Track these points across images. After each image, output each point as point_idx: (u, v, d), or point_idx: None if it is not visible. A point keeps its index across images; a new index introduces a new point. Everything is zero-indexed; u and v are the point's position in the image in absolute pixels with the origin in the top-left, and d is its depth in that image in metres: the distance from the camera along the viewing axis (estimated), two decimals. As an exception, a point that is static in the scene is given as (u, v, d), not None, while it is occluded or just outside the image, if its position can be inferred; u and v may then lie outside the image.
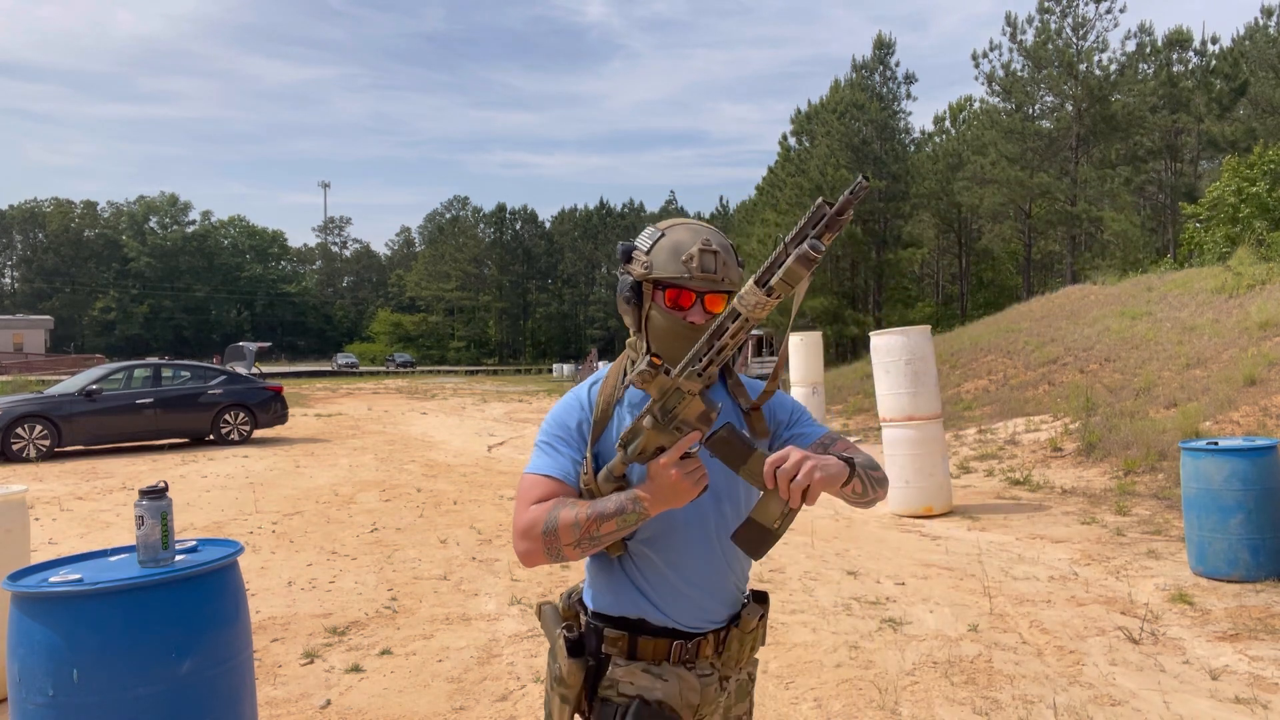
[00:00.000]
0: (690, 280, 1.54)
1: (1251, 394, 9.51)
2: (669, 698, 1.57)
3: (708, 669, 1.61)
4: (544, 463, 1.59)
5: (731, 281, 1.59)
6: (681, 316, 1.56)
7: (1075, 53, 34.15)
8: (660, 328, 1.57)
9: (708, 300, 1.57)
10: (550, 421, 1.64)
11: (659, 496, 1.41)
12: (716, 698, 1.63)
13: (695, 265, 1.53)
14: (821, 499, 9.06)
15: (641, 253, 1.58)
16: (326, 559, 6.67)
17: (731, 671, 1.65)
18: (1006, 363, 15.88)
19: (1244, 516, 5.33)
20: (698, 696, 1.59)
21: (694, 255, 1.53)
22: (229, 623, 2.38)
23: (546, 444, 1.61)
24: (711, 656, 1.61)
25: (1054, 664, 4.20)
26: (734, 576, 1.65)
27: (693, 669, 1.60)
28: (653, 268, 1.56)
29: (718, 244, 1.57)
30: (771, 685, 4.03)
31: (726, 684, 1.65)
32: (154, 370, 15.06)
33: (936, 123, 52.00)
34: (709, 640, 1.61)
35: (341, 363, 61.23)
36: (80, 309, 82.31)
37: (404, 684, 4.14)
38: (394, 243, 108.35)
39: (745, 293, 1.31)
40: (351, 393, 31.37)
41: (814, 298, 37.40)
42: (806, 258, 1.24)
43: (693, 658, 1.59)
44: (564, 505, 1.48)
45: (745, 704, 1.72)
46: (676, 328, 1.56)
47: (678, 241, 1.56)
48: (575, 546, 1.46)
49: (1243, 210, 23.60)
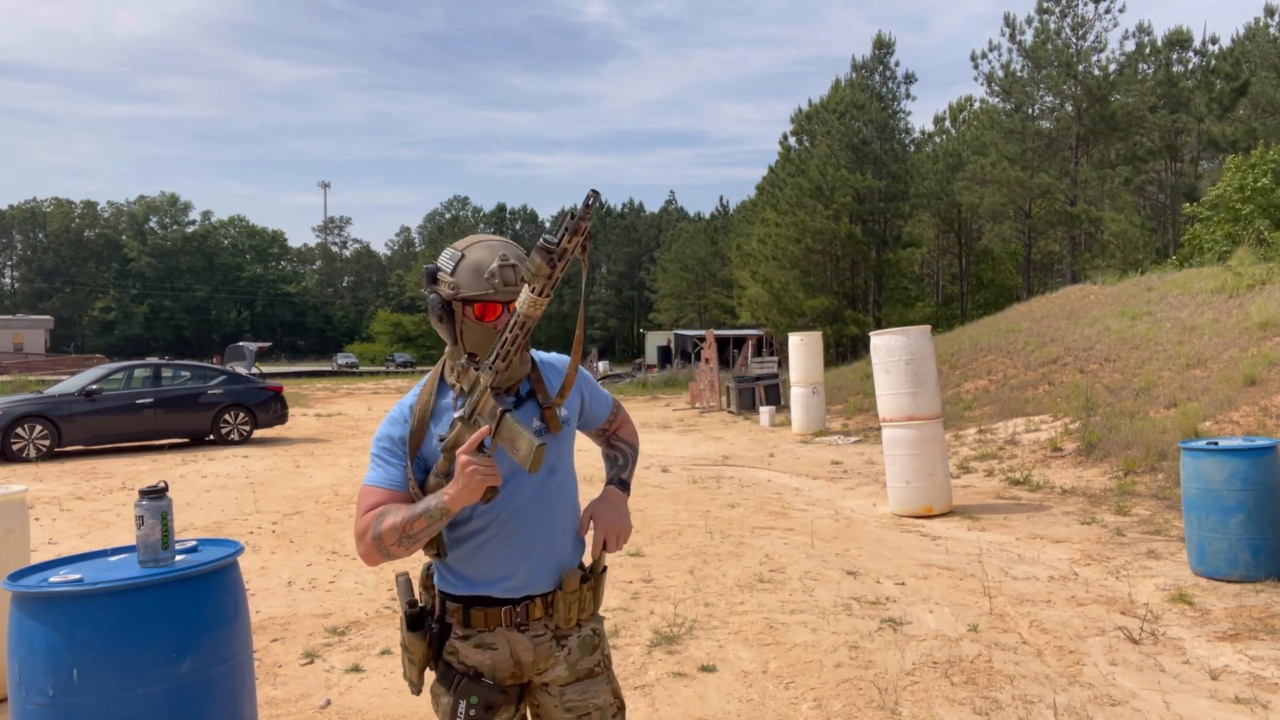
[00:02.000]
0: (494, 295, 1.73)
1: (1251, 394, 9.51)
2: (496, 667, 1.83)
3: (540, 629, 1.85)
4: (374, 475, 1.82)
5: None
6: (492, 325, 1.76)
7: (1074, 53, 34.11)
8: (474, 338, 1.77)
9: (511, 307, 1.75)
10: (378, 435, 1.85)
11: (458, 494, 1.62)
12: (553, 653, 1.86)
13: (497, 280, 1.72)
14: (820, 499, 9.02)
15: (446, 274, 1.76)
16: (326, 559, 6.67)
17: (568, 630, 1.88)
18: (1006, 363, 15.88)
19: (1244, 516, 5.33)
20: (531, 654, 1.84)
21: (495, 272, 1.73)
22: (229, 623, 2.38)
23: (377, 456, 1.84)
24: (544, 618, 1.85)
25: (1054, 664, 4.20)
26: (563, 543, 1.88)
27: (525, 630, 1.83)
28: (459, 288, 1.74)
29: (514, 257, 1.76)
30: (771, 685, 4.04)
31: (566, 641, 1.88)
32: (154, 370, 15.07)
33: (936, 123, 52.05)
34: (537, 604, 1.83)
35: (341, 363, 61.23)
36: (80, 309, 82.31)
37: (403, 684, 4.13)
38: (394, 243, 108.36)
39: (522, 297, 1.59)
40: (351, 393, 31.38)
41: (814, 298, 37.40)
42: (544, 249, 1.52)
43: (524, 620, 1.83)
44: (389, 512, 1.72)
45: (595, 656, 1.92)
46: (488, 335, 1.76)
47: (478, 261, 1.75)
48: (398, 545, 1.70)
49: (1245, 208, 23.59)
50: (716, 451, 13.47)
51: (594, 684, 1.90)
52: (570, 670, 1.87)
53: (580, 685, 1.88)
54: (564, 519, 1.89)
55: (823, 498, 9.18)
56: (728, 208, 79.18)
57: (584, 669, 1.89)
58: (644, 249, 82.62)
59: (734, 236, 55.28)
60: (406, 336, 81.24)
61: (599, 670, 1.92)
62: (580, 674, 1.89)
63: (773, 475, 10.90)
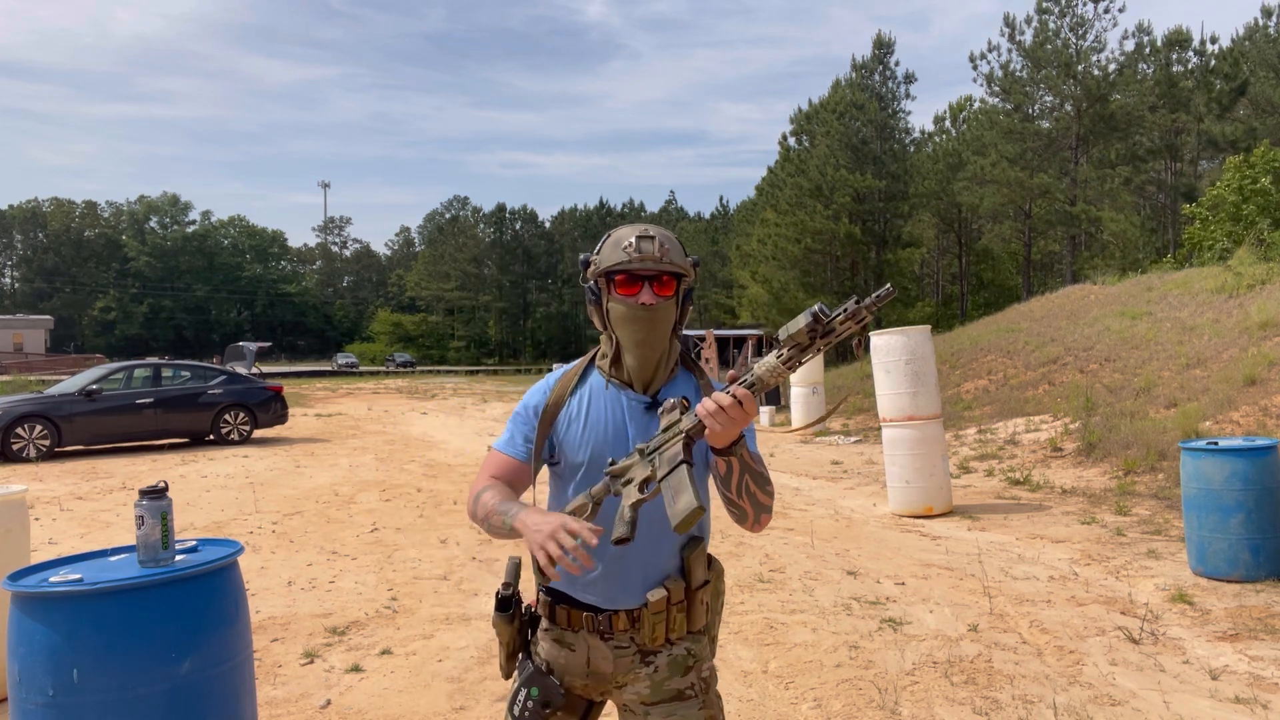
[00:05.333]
0: (631, 263, 1.71)
1: (1251, 394, 9.51)
2: (567, 668, 1.80)
3: (625, 641, 1.78)
4: (501, 439, 1.88)
5: (674, 263, 1.74)
6: (634, 300, 1.73)
7: (1074, 53, 34.11)
8: (618, 315, 1.75)
9: (655, 285, 1.74)
10: (522, 401, 1.90)
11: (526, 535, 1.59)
12: (635, 668, 1.78)
13: (634, 250, 1.71)
14: (820, 498, 9.03)
15: (593, 256, 1.78)
16: (326, 559, 6.67)
17: (655, 647, 1.78)
18: (1006, 363, 15.88)
19: (1244, 516, 5.33)
20: (610, 665, 1.79)
21: (632, 242, 1.72)
22: (229, 623, 2.38)
23: (511, 421, 1.89)
24: (630, 630, 1.78)
25: (1054, 664, 4.20)
26: (655, 562, 1.79)
27: (609, 640, 1.78)
28: (600, 263, 1.75)
29: (655, 231, 1.74)
30: (771, 685, 4.03)
31: (653, 659, 1.79)
32: (154, 370, 15.06)
33: (936, 123, 51.92)
34: (621, 616, 1.77)
35: (341, 363, 61.17)
36: (80, 309, 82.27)
37: (404, 684, 4.14)
38: (394, 243, 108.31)
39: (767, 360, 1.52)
40: (351, 393, 31.36)
41: (814, 298, 37.36)
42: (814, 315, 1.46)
43: (608, 630, 1.77)
44: (491, 489, 1.76)
45: (688, 678, 1.81)
46: (631, 312, 1.73)
47: (619, 236, 1.76)
48: (483, 524, 1.75)
49: (1245, 208, 23.59)
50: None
51: (683, 707, 1.78)
52: (654, 689, 1.78)
53: (666, 707, 1.78)
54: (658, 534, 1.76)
55: (823, 497, 9.18)
56: (728, 208, 79.19)
57: (671, 690, 1.78)
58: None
59: (734, 236, 55.28)
60: (406, 336, 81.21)
61: (690, 694, 1.79)
62: (666, 695, 1.78)
63: (773, 475, 10.89)
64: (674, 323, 1.79)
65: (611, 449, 1.77)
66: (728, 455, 1.59)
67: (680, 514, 1.49)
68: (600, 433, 1.79)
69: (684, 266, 1.76)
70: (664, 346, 1.79)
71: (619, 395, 1.81)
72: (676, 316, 1.80)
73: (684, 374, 1.89)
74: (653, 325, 1.74)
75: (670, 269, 1.74)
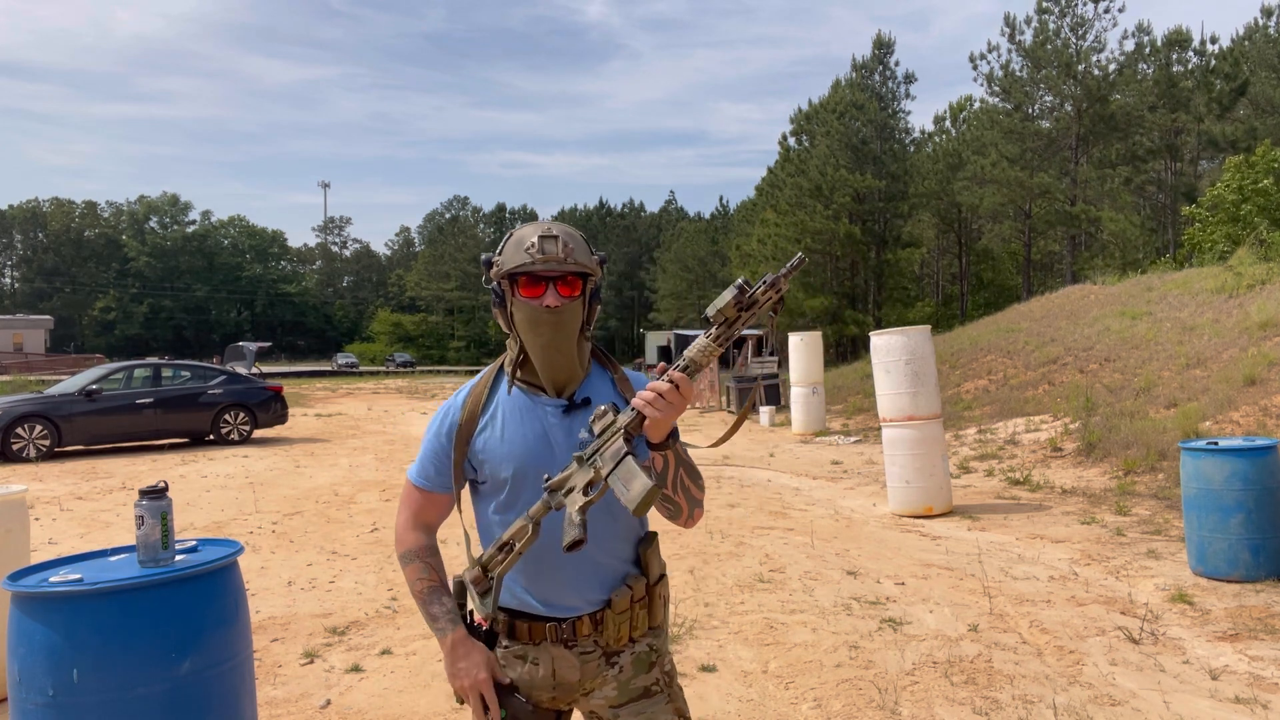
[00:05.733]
0: (534, 264, 1.65)
1: (1251, 394, 9.51)
2: (533, 684, 1.75)
3: (589, 646, 1.74)
4: (415, 469, 1.83)
5: (578, 263, 1.68)
6: (538, 302, 1.67)
7: (1074, 53, 34.11)
8: (523, 319, 1.70)
9: (560, 286, 1.68)
10: (429, 426, 1.83)
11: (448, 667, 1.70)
12: (601, 671, 1.75)
13: (536, 250, 1.64)
14: (820, 498, 9.03)
15: (495, 257, 1.72)
16: (326, 559, 6.67)
17: (619, 647, 1.76)
18: (1006, 363, 15.88)
19: (1244, 516, 5.33)
20: (577, 673, 1.74)
21: (535, 243, 1.65)
22: (229, 623, 2.38)
23: (423, 448, 1.83)
24: (593, 634, 1.74)
25: (1054, 664, 4.20)
26: (608, 563, 1.75)
27: (573, 647, 1.74)
28: (503, 265, 1.69)
29: (558, 230, 1.68)
30: (771, 685, 4.03)
31: (616, 659, 1.76)
32: (154, 370, 15.07)
33: (936, 123, 51.93)
34: (585, 621, 1.73)
35: (341, 363, 61.16)
36: (80, 309, 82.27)
37: (404, 684, 4.14)
38: (394, 243, 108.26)
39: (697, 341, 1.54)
40: (351, 393, 31.36)
41: (814, 298, 37.39)
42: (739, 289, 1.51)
43: (571, 637, 1.73)
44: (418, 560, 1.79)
45: (653, 674, 1.79)
46: (535, 315, 1.68)
47: (520, 236, 1.69)
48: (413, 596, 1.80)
49: (1244, 208, 23.59)
50: (716, 451, 13.46)
51: (651, 704, 1.77)
52: (621, 690, 1.76)
53: (635, 706, 1.76)
54: (612, 533, 1.75)
55: (823, 498, 9.18)
56: (728, 208, 79.10)
57: (638, 688, 1.76)
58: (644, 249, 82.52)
59: (734, 236, 55.20)
60: (406, 336, 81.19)
61: (657, 689, 1.78)
62: (634, 694, 1.76)
63: (773, 475, 10.90)
64: (581, 323, 1.73)
65: (536, 459, 1.71)
66: (663, 449, 1.59)
67: (636, 497, 1.48)
68: (521, 444, 1.73)
69: (589, 265, 1.70)
70: (572, 348, 1.72)
71: (533, 402, 1.76)
72: (584, 316, 1.74)
73: (598, 370, 1.84)
74: (558, 327, 1.68)
75: (575, 269, 1.67)
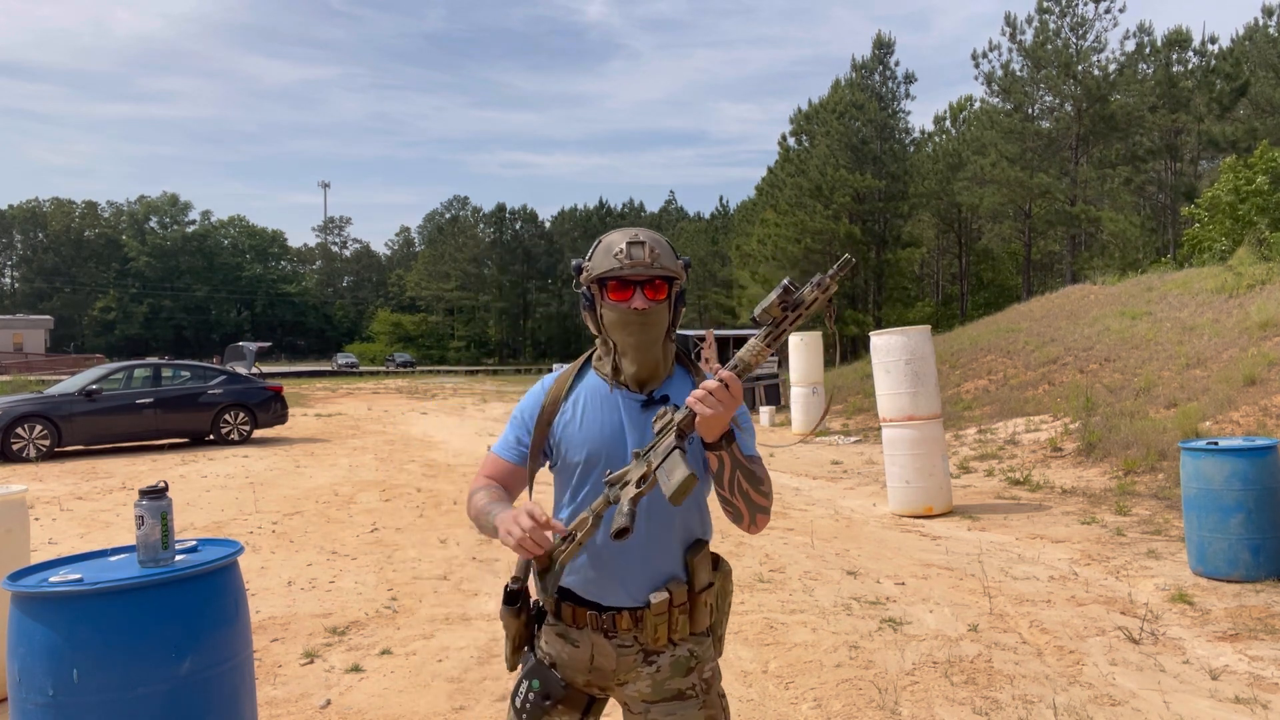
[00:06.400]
0: (622, 269, 1.73)
1: (1251, 394, 9.51)
2: (570, 663, 1.82)
3: (628, 641, 1.80)
4: (498, 441, 1.96)
5: (665, 267, 1.77)
6: (626, 305, 1.75)
7: (1074, 53, 34.11)
8: (612, 321, 1.78)
9: (646, 289, 1.77)
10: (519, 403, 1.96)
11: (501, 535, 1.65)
12: (636, 666, 1.80)
13: (624, 256, 1.73)
14: (820, 498, 9.02)
15: (585, 262, 1.81)
16: (326, 559, 6.67)
17: (658, 647, 1.80)
18: (1006, 363, 15.88)
19: (1244, 516, 5.33)
20: (613, 662, 1.80)
21: (623, 249, 1.74)
22: (229, 623, 2.38)
23: (509, 424, 1.96)
24: (633, 630, 1.79)
25: (1054, 664, 4.20)
26: (657, 563, 1.80)
27: (612, 638, 1.80)
28: (592, 270, 1.78)
29: (645, 236, 1.77)
30: (771, 685, 4.03)
31: (655, 659, 1.81)
32: (154, 370, 15.06)
33: (936, 123, 51.93)
34: (625, 616, 1.78)
35: (341, 363, 61.14)
36: (80, 309, 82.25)
37: (404, 684, 4.14)
38: (394, 243, 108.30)
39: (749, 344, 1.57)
40: (351, 393, 31.36)
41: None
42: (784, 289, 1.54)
43: (611, 628, 1.79)
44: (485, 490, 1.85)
45: (689, 679, 1.83)
46: (624, 317, 1.76)
47: (609, 242, 1.78)
48: (474, 522, 1.83)
49: (1242, 208, 23.59)
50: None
51: (683, 707, 1.81)
52: (655, 688, 1.80)
53: (666, 706, 1.80)
54: (666, 536, 1.80)
55: (823, 497, 9.18)
56: (728, 208, 79.09)
57: (671, 690, 1.81)
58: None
59: (734, 236, 55.20)
60: (406, 336, 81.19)
61: (691, 694, 1.82)
62: (667, 694, 1.81)
63: (773, 475, 10.89)
64: (668, 325, 1.82)
65: (609, 448, 1.80)
66: (718, 450, 1.64)
67: (674, 485, 1.52)
68: (597, 432, 1.82)
69: (675, 270, 1.79)
70: (659, 348, 1.82)
71: (615, 395, 1.84)
72: (670, 318, 1.83)
73: (681, 372, 1.92)
74: (646, 329, 1.77)
75: (661, 273, 1.76)
